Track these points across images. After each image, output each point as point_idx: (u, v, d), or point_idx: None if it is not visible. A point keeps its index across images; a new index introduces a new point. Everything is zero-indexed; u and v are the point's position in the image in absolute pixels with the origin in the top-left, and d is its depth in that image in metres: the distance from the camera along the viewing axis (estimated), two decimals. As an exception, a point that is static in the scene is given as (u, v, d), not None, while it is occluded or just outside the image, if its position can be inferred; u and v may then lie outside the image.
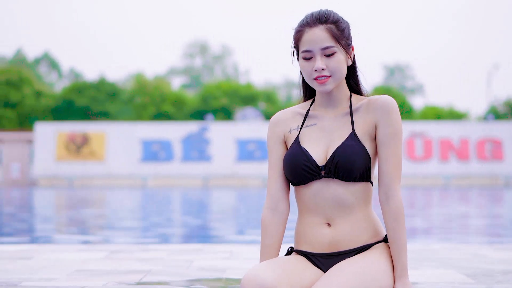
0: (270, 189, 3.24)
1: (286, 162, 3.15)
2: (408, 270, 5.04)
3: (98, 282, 4.42)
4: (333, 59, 3.06)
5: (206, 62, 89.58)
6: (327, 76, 3.07)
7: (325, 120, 3.19)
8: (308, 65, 3.09)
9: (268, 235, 3.21)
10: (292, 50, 3.19)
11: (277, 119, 3.28)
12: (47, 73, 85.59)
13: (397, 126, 3.12)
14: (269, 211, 3.22)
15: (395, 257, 3.10)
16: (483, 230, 10.59)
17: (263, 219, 3.23)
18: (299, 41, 3.12)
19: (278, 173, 3.23)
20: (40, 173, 47.27)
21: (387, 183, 3.11)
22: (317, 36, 3.06)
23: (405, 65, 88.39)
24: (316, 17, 3.10)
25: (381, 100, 3.12)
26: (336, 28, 3.09)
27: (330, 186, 3.09)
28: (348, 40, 3.13)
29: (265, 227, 3.22)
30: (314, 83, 3.10)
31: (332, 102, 3.20)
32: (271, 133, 3.27)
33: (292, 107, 3.32)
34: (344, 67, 3.10)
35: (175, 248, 6.70)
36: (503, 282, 4.42)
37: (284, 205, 3.24)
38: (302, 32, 3.11)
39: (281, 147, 3.24)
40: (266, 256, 3.18)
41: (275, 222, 3.22)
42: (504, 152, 48.04)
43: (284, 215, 3.24)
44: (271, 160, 3.25)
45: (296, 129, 3.22)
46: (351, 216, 3.11)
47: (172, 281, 4.49)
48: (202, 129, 48.35)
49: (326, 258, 3.14)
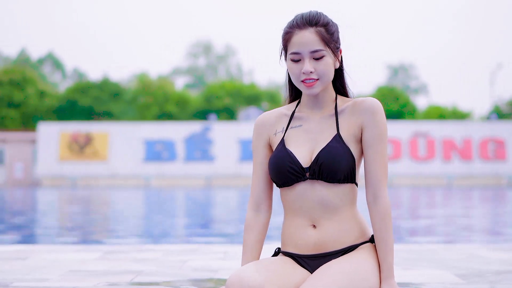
0: (253, 190, 3.27)
1: (272, 164, 3.16)
2: (401, 270, 5.08)
3: (90, 283, 4.44)
4: (322, 62, 3.08)
5: (210, 62, 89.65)
6: (315, 79, 3.08)
7: (311, 122, 3.20)
8: (296, 67, 3.10)
9: (250, 236, 3.22)
10: (280, 51, 3.21)
11: (262, 121, 3.29)
12: (51, 73, 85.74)
13: (383, 128, 3.14)
14: (252, 212, 3.25)
15: (381, 258, 3.11)
16: (483, 230, 10.59)
17: (246, 220, 3.25)
18: (288, 42, 3.12)
19: (262, 174, 3.26)
20: (43, 173, 47.33)
21: (374, 184, 3.13)
22: (306, 38, 3.07)
23: (409, 65, 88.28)
24: (306, 19, 3.10)
25: (367, 103, 3.14)
26: (326, 32, 3.09)
27: (315, 188, 3.10)
28: (337, 43, 3.14)
29: (248, 228, 3.24)
30: (302, 86, 3.11)
31: (318, 104, 3.21)
32: (256, 135, 3.28)
33: (277, 109, 3.33)
34: (332, 70, 3.12)
35: (170, 249, 6.71)
36: (494, 283, 4.42)
37: (266, 206, 3.27)
38: (291, 33, 3.11)
39: (266, 149, 3.27)
40: (248, 256, 3.19)
41: (257, 222, 3.24)
42: (507, 152, 47.97)
43: (266, 216, 3.26)
44: (255, 162, 3.27)
45: (281, 131, 3.23)
46: (336, 217, 3.12)
47: (163, 281, 4.51)
48: (205, 129, 48.37)
49: (312, 259, 3.16)
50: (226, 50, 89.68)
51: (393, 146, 47.90)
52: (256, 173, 3.28)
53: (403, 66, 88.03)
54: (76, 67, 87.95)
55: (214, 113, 59.58)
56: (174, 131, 48.54)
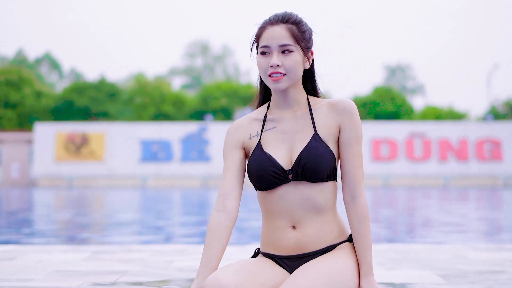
0: (222, 191, 3.21)
1: (252, 170, 3.17)
2: (385, 270, 5.12)
3: (74, 283, 4.47)
4: (290, 57, 3.11)
5: (207, 62, 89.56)
6: (282, 74, 3.12)
7: (285, 122, 3.23)
8: (264, 61, 3.14)
9: (212, 237, 3.13)
10: (251, 45, 3.24)
11: (235, 127, 3.31)
12: (48, 73, 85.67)
13: (359, 129, 3.19)
14: (217, 213, 3.17)
15: (360, 256, 3.15)
16: (474, 230, 10.63)
17: (209, 221, 3.19)
18: (260, 38, 3.17)
19: (233, 176, 3.22)
20: (39, 173, 47.33)
21: (352, 185, 3.17)
22: (277, 33, 3.12)
23: (406, 65, 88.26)
24: (279, 17, 3.16)
25: (344, 104, 3.18)
26: (297, 29, 3.14)
27: (298, 189, 3.13)
28: (308, 43, 3.18)
29: (211, 229, 3.15)
30: (269, 80, 3.15)
31: (289, 103, 3.23)
32: (229, 139, 3.28)
33: (247, 115, 3.36)
34: (299, 68, 3.15)
35: (158, 249, 6.74)
36: (474, 283, 4.46)
37: (233, 207, 3.19)
38: (263, 29, 3.17)
39: (238, 152, 3.26)
40: (207, 257, 3.10)
41: (221, 224, 3.16)
42: (503, 153, 48.04)
43: (232, 218, 3.18)
44: (226, 164, 3.25)
45: (256, 135, 3.25)
46: (318, 218, 3.15)
47: (146, 282, 4.54)
48: (201, 130, 48.39)
49: (291, 260, 3.19)
50: (223, 50, 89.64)
51: (390, 146, 47.96)
52: (226, 175, 3.24)
53: (400, 66, 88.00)
54: (73, 67, 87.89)
55: (211, 113, 59.59)
56: (171, 132, 48.56)
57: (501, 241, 8.93)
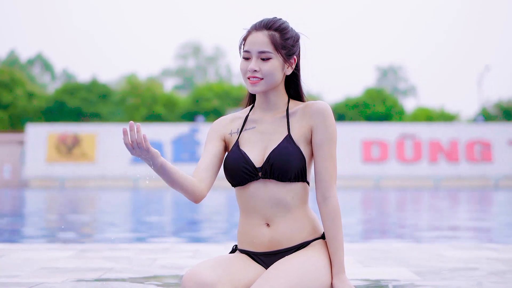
0: (195, 174, 3.36)
1: (227, 165, 3.32)
2: (362, 267, 5.25)
3: (58, 279, 4.60)
4: (267, 63, 3.24)
5: (199, 63, 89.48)
6: (259, 78, 3.25)
7: (263, 124, 3.36)
8: (244, 64, 3.28)
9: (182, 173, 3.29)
10: (239, 48, 3.37)
11: (219, 122, 3.47)
12: (40, 74, 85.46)
13: (332, 130, 3.28)
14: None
15: (332, 255, 3.26)
16: (457, 230, 10.75)
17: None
18: (244, 41, 3.31)
19: (208, 159, 3.37)
20: (31, 174, 47.34)
21: (323, 185, 3.27)
22: (258, 39, 3.24)
23: (398, 67, 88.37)
24: (265, 23, 3.28)
25: (316, 106, 3.29)
26: (280, 37, 3.25)
27: (267, 187, 3.25)
28: (291, 50, 3.28)
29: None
30: (247, 82, 3.29)
31: (270, 106, 3.37)
32: (211, 131, 3.44)
33: (232, 113, 3.51)
34: (277, 73, 3.26)
35: (143, 247, 6.87)
36: (447, 279, 4.59)
37: (203, 185, 3.33)
38: (249, 33, 3.29)
39: (219, 142, 3.41)
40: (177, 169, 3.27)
41: (195, 182, 3.31)
42: (493, 154, 48.24)
43: (200, 187, 3.32)
44: (205, 149, 3.41)
45: (236, 132, 3.39)
46: (289, 215, 3.26)
47: (130, 278, 4.67)
48: (192, 131, 48.46)
49: (266, 256, 3.30)
50: (216, 51, 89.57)
51: (381, 147, 48.10)
52: (203, 158, 3.39)
53: (392, 68, 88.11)
54: (65, 69, 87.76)
55: (202, 115, 59.66)
56: (162, 133, 48.61)
57: (481, 240, 9.06)
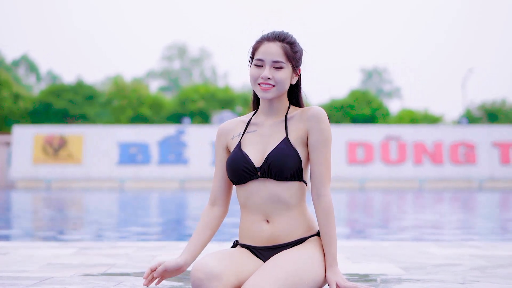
0: (213, 187, 3.74)
1: (228, 164, 3.64)
2: (351, 263, 5.54)
3: (66, 273, 4.87)
4: (280, 72, 3.56)
5: (185, 65, 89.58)
6: (271, 85, 3.56)
7: (264, 127, 3.68)
8: (256, 71, 3.58)
9: (205, 225, 3.66)
10: (249, 58, 3.68)
11: (222, 128, 3.79)
12: (26, 75, 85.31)
13: (327, 133, 3.59)
14: (208, 206, 3.71)
15: (326, 249, 3.56)
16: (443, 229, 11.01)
17: (203, 211, 3.72)
18: (256, 51, 3.61)
19: (221, 174, 3.73)
20: (17, 176, 47.37)
21: (318, 184, 3.58)
22: (272, 50, 3.56)
23: (382, 69, 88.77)
24: (277, 35, 3.60)
25: (312, 111, 3.60)
26: (291, 49, 3.59)
27: (266, 185, 3.56)
28: (298, 62, 3.63)
29: (204, 218, 3.68)
30: (257, 88, 3.59)
31: (273, 111, 3.68)
32: (217, 140, 3.76)
33: (238, 117, 3.84)
34: (287, 82, 3.60)
35: (141, 245, 7.15)
36: (431, 274, 4.89)
37: (222, 202, 3.72)
38: (261, 43, 3.61)
39: (224, 153, 3.75)
40: (198, 241, 3.62)
41: (210, 214, 3.69)
42: (477, 156, 48.65)
43: (221, 211, 3.71)
44: (216, 163, 3.75)
45: (238, 135, 3.70)
46: (288, 213, 3.57)
47: (133, 272, 4.96)
48: (179, 132, 48.60)
49: (266, 250, 3.61)
50: (201, 53, 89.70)
51: (365, 149, 48.42)
52: (216, 173, 3.76)
53: (377, 70, 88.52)
54: (50, 70, 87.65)
55: (188, 116, 59.84)
56: (149, 134, 48.72)
57: (464, 238, 9.34)
